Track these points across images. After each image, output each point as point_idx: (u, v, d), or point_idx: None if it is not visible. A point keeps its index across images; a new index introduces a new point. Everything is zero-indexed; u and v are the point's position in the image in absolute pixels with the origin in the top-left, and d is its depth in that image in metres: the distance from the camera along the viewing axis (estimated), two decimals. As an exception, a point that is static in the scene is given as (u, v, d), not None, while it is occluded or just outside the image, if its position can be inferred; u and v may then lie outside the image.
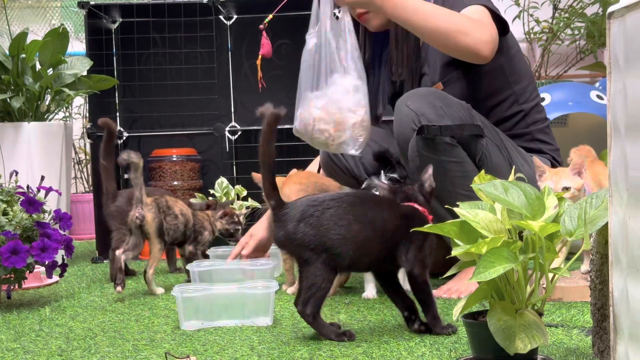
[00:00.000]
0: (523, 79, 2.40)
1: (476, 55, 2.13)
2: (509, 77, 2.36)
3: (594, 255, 1.44)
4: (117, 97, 3.90)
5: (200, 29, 3.77)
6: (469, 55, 2.14)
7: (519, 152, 2.32)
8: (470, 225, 1.38)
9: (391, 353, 1.57)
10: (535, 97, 2.44)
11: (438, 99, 2.17)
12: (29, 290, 2.57)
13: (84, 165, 4.68)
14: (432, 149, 2.14)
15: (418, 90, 2.24)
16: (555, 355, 1.49)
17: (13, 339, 1.84)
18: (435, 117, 2.14)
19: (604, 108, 3.26)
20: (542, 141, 2.42)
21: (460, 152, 2.18)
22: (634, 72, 1.12)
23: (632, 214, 1.13)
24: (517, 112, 2.39)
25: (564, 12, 4.30)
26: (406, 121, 2.17)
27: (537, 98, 2.45)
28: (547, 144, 2.43)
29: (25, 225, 2.22)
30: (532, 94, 2.43)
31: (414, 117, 2.15)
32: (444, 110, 2.15)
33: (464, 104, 2.23)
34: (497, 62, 2.31)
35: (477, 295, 1.40)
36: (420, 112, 2.15)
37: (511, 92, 2.38)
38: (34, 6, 5.11)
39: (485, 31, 2.13)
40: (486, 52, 2.12)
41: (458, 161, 2.17)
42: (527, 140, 2.40)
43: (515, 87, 2.38)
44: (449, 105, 2.18)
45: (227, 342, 1.73)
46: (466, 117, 2.19)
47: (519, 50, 2.44)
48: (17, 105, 3.04)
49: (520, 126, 2.40)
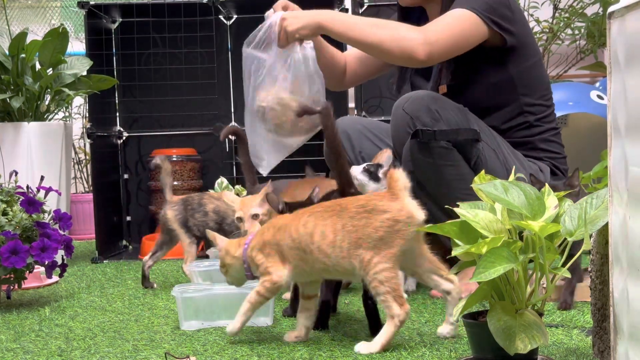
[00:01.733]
0: (535, 92, 2.34)
1: (410, 59, 2.15)
2: (518, 89, 2.32)
3: (594, 255, 1.44)
4: (117, 97, 3.90)
5: (200, 29, 3.77)
6: (405, 58, 2.16)
7: (515, 156, 2.29)
8: (470, 225, 1.38)
9: (391, 353, 1.57)
10: (546, 108, 2.37)
11: (434, 103, 2.17)
12: (28, 290, 2.57)
13: (84, 165, 4.67)
14: (427, 153, 2.15)
15: (416, 92, 2.24)
16: (556, 355, 1.49)
17: (13, 339, 1.84)
18: (430, 121, 2.14)
19: (604, 108, 3.26)
20: (543, 150, 2.36)
21: (456, 156, 2.17)
22: (634, 72, 1.12)
23: (632, 214, 1.13)
24: (521, 123, 2.34)
25: (564, 12, 4.29)
26: (402, 124, 2.18)
27: (548, 109, 2.39)
28: (549, 152, 2.37)
29: (25, 225, 2.21)
30: (544, 105, 2.37)
31: (409, 120, 2.16)
32: (440, 113, 2.15)
33: (460, 107, 2.22)
34: (506, 74, 2.30)
35: (477, 295, 1.40)
36: (415, 116, 2.15)
37: (518, 104, 2.33)
38: (33, 6, 5.11)
39: (420, 35, 2.13)
40: (420, 54, 2.12)
41: (453, 164, 2.17)
42: (528, 148, 2.35)
43: (524, 99, 2.33)
44: (444, 108, 2.18)
45: (227, 342, 1.73)
46: (462, 121, 2.19)
47: (539, 61, 2.37)
48: (17, 105, 3.04)
49: (521, 135, 2.35)
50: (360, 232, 1.58)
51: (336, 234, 1.60)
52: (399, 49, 2.14)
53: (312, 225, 1.63)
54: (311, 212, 1.66)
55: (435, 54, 2.15)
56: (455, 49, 2.19)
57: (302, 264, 1.66)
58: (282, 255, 1.67)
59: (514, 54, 2.28)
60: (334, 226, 1.60)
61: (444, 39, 2.15)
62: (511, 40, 2.25)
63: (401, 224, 1.57)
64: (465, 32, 2.18)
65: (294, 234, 1.65)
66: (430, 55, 2.13)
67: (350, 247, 1.58)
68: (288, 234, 1.66)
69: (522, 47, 2.30)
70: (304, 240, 1.63)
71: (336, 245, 1.59)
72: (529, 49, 2.33)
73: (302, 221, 1.65)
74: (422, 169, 2.17)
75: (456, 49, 2.19)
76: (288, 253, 1.66)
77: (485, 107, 2.31)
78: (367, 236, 1.57)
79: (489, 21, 2.19)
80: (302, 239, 1.63)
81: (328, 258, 1.61)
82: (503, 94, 2.33)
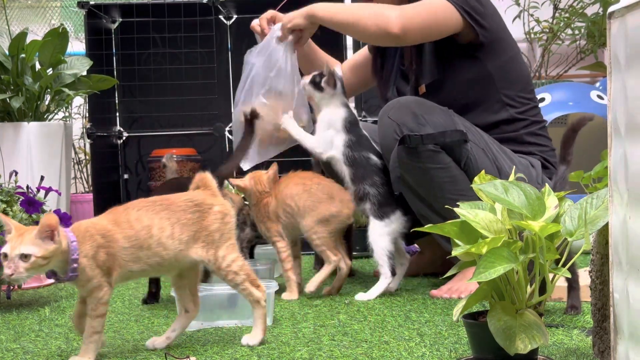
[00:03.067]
0: (515, 85, 2.37)
1: (387, 35, 2.20)
2: (497, 84, 2.34)
3: (594, 255, 1.44)
4: (117, 97, 3.90)
5: (200, 29, 3.77)
6: (380, 36, 2.22)
7: (505, 154, 2.29)
8: (470, 225, 1.38)
9: (391, 353, 1.57)
10: (528, 101, 2.39)
11: (418, 108, 2.19)
12: (28, 290, 2.57)
13: (84, 165, 4.67)
14: (415, 158, 2.17)
15: (399, 99, 2.26)
16: (556, 355, 1.49)
17: (13, 339, 1.84)
18: (416, 126, 2.16)
19: (604, 108, 3.26)
20: (532, 143, 2.38)
21: (445, 158, 2.18)
22: (634, 72, 1.12)
23: (632, 214, 1.13)
24: (505, 118, 2.36)
25: (564, 12, 4.30)
26: (389, 132, 2.20)
27: (531, 102, 2.41)
28: (538, 146, 2.39)
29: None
30: (525, 98, 2.39)
31: (396, 127, 2.18)
32: (425, 118, 2.17)
33: (445, 109, 2.24)
34: (484, 69, 2.32)
35: (477, 295, 1.40)
36: (401, 122, 2.17)
37: (499, 98, 2.35)
38: (33, 6, 5.11)
39: (395, 11, 2.20)
40: (395, 28, 2.18)
41: (443, 167, 2.18)
42: (517, 143, 2.36)
43: (505, 93, 2.35)
44: (430, 112, 2.19)
45: (227, 342, 1.73)
46: (448, 123, 2.20)
47: (516, 56, 2.41)
48: (17, 105, 3.03)
49: (507, 130, 2.36)
50: (197, 225, 1.63)
51: (173, 227, 1.62)
52: (375, 25, 2.20)
53: (148, 219, 1.61)
54: (139, 207, 1.63)
55: (410, 31, 2.19)
56: (430, 32, 2.24)
57: (131, 264, 1.60)
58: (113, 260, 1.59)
59: (489, 49, 2.31)
60: (170, 219, 1.62)
61: (419, 19, 2.21)
62: (484, 34, 2.28)
63: (228, 217, 1.67)
64: (439, 16, 2.23)
65: (128, 232, 1.59)
66: (404, 29, 2.18)
67: (189, 240, 1.62)
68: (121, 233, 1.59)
69: (497, 41, 2.33)
70: (141, 236, 1.59)
71: (175, 238, 1.61)
72: (504, 43, 2.36)
73: (133, 217, 1.61)
74: (412, 174, 2.19)
75: (430, 32, 2.24)
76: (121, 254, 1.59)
77: (465, 103, 2.33)
78: (204, 229, 1.63)
79: (462, 11, 2.23)
80: (139, 234, 1.59)
81: (166, 251, 1.61)
82: (481, 89, 2.35)
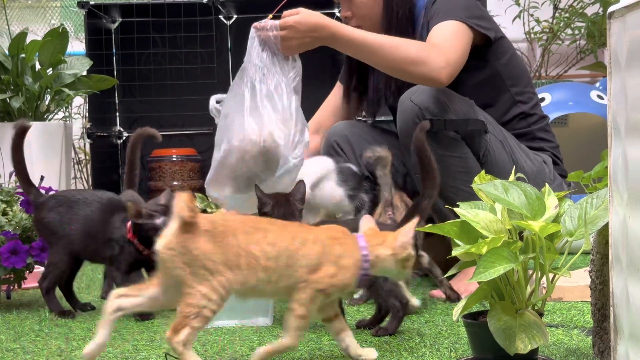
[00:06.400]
0: (520, 81, 2.40)
1: (433, 83, 2.12)
2: (506, 82, 2.37)
3: (594, 255, 1.44)
4: (117, 97, 3.90)
5: (200, 29, 3.77)
6: (427, 83, 2.13)
7: (521, 149, 2.32)
8: (470, 225, 1.38)
9: (391, 353, 1.57)
10: (533, 96, 2.44)
11: (442, 94, 2.17)
12: (28, 290, 2.56)
13: (84, 165, 4.67)
14: (434, 143, 2.13)
15: (421, 86, 2.23)
16: (556, 355, 1.49)
17: (13, 339, 1.84)
18: (439, 112, 2.14)
19: (604, 108, 3.26)
20: (543, 139, 2.42)
21: (463, 148, 2.18)
22: (634, 72, 1.12)
23: (632, 214, 1.13)
24: (517, 114, 2.39)
25: (564, 12, 4.30)
26: (410, 115, 2.16)
27: (535, 97, 2.45)
28: (548, 142, 2.43)
29: (25, 226, 2.21)
30: (531, 93, 2.43)
31: (418, 111, 2.14)
32: (448, 105, 2.16)
33: (467, 99, 2.23)
34: (492, 69, 2.34)
35: (477, 295, 1.40)
36: (424, 106, 2.14)
37: (509, 96, 2.38)
38: (33, 6, 5.11)
39: (440, 56, 2.09)
40: (443, 78, 2.09)
41: (460, 156, 2.18)
42: (529, 139, 2.39)
43: (513, 89, 2.38)
44: (452, 100, 2.18)
45: (227, 342, 1.73)
46: (470, 113, 2.20)
47: (515, 53, 2.45)
48: (17, 105, 3.04)
49: (520, 126, 2.40)
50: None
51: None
52: (421, 75, 2.09)
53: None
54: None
55: (453, 75, 2.13)
56: (463, 62, 2.19)
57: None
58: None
59: (494, 49, 2.32)
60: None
61: (457, 58, 2.15)
62: (491, 35, 2.30)
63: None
64: (465, 44, 2.19)
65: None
66: (450, 77, 2.12)
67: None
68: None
69: (499, 40, 2.35)
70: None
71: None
72: (504, 40, 2.38)
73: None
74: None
75: (463, 62, 2.19)
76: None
77: (480, 105, 2.32)
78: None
79: (474, 25, 2.22)
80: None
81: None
82: (492, 88, 2.36)
